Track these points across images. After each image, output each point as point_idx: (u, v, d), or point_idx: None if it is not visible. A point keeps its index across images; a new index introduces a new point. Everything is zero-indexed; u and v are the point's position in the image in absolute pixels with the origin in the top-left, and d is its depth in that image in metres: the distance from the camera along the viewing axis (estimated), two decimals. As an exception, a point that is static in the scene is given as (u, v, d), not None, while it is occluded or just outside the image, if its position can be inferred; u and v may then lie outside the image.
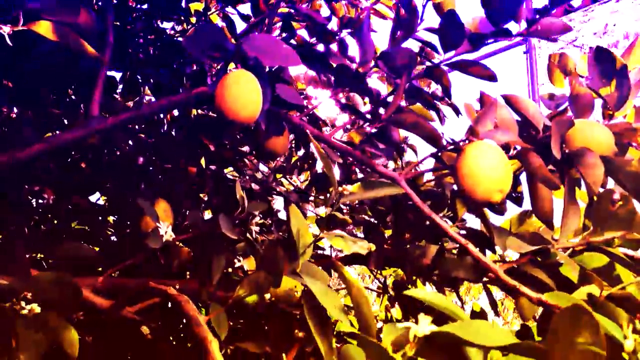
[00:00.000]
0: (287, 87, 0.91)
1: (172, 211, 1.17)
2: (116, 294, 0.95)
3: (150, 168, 1.33)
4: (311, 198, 1.54)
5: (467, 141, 0.78)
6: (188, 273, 1.17)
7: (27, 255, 1.04)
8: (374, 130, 0.86)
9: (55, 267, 1.07)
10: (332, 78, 0.89)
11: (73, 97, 1.27)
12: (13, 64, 1.08)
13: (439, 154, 0.79)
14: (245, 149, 1.49)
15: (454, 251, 0.90)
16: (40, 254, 1.12)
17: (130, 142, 1.34)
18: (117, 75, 1.40)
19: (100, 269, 1.02)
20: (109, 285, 0.86)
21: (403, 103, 1.04)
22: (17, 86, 1.10)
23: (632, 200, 0.65)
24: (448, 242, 0.93)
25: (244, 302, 0.70)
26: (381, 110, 0.89)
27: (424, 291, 0.51)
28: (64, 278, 0.67)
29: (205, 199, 1.43)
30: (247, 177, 1.45)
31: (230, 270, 1.05)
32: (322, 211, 1.64)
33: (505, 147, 0.80)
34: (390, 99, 0.87)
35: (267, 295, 1.06)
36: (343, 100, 1.10)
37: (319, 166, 1.38)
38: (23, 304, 0.71)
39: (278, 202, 1.58)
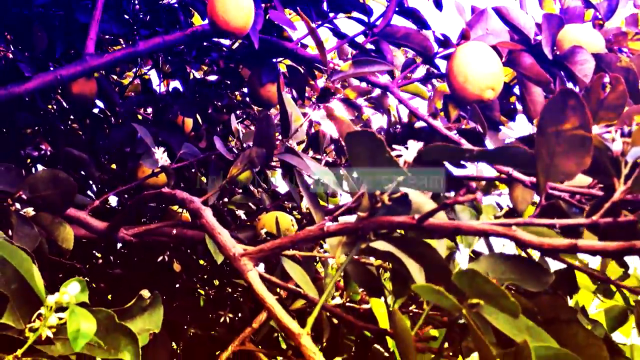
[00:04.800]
0: (279, 12, 0.92)
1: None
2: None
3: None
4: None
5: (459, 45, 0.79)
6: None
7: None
8: (368, 45, 0.86)
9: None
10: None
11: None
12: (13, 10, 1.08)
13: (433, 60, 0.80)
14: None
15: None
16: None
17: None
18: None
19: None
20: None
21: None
22: (15, 31, 1.11)
23: (622, 83, 0.65)
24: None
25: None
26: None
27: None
28: (57, 174, 0.67)
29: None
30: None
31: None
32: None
33: (498, 55, 0.80)
34: (379, 22, 0.87)
35: (263, 231, 1.06)
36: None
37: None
38: (18, 205, 0.72)
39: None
